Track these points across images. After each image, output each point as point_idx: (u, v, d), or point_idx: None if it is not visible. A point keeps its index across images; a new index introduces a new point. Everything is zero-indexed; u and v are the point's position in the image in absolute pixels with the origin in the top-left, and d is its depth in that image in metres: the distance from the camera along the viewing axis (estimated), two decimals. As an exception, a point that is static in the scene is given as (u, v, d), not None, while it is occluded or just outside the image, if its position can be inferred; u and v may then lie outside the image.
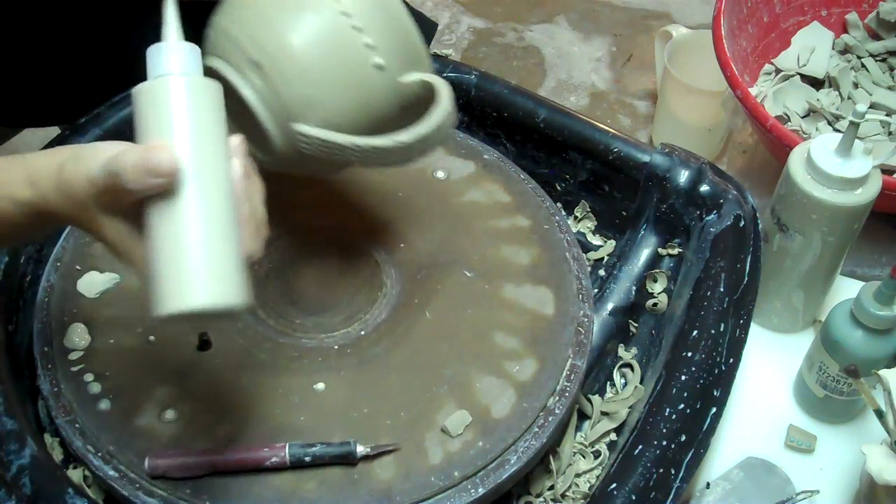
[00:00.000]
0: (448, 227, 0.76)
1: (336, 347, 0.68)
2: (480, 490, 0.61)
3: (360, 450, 0.60)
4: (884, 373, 0.65)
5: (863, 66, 1.03)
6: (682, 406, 0.64)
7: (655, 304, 0.79)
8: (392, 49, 0.60)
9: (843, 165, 0.71)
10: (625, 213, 0.83)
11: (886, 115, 0.97)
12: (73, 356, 0.65)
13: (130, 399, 0.63)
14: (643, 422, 0.64)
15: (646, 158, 0.79)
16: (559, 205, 0.85)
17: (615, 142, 0.81)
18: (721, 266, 0.72)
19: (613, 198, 0.83)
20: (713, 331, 0.68)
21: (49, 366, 0.65)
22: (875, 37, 1.05)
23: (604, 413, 0.74)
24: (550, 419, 0.64)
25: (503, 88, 0.85)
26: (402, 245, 0.75)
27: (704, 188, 0.78)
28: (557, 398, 0.66)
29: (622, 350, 0.78)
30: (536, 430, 0.64)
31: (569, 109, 0.84)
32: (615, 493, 0.60)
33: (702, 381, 0.65)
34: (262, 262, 0.72)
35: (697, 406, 0.64)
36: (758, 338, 0.84)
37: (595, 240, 0.86)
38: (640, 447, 0.62)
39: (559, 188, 0.86)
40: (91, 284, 0.70)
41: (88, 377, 0.64)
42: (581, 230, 0.86)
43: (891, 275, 0.68)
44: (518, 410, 0.64)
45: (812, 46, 1.03)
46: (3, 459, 0.58)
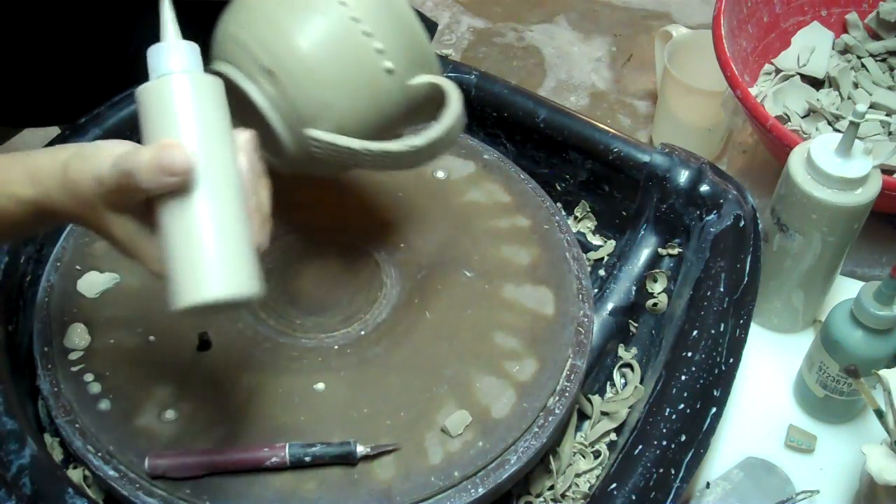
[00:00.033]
0: (448, 227, 0.76)
1: (336, 347, 0.68)
2: (480, 490, 0.61)
3: (360, 450, 0.60)
4: (884, 373, 0.65)
5: (863, 66, 1.03)
6: (682, 406, 0.64)
7: (655, 304, 0.79)
8: (401, 52, 0.60)
9: (843, 165, 0.71)
10: (625, 213, 0.83)
11: (886, 115, 0.97)
12: (73, 356, 0.65)
13: (130, 399, 0.63)
14: (643, 422, 0.64)
15: (646, 158, 0.79)
16: (559, 205, 0.85)
17: (615, 142, 0.81)
18: (721, 266, 0.72)
19: (613, 198, 0.83)
20: (713, 331, 0.68)
21: (49, 366, 0.65)
22: (875, 37, 1.05)
23: (604, 413, 0.74)
24: (550, 419, 0.64)
25: (503, 88, 0.85)
26: (402, 245, 0.75)
27: (704, 188, 0.78)
28: (557, 398, 0.66)
29: (622, 350, 0.78)
30: (536, 430, 0.64)
31: (569, 109, 0.84)
32: (615, 493, 0.60)
33: (702, 381, 0.65)
34: (263, 262, 0.72)
35: (697, 406, 0.64)
36: (758, 338, 0.84)
37: (595, 240, 0.86)
38: (640, 447, 0.62)
39: (559, 188, 0.86)
40: (91, 284, 0.70)
41: (88, 377, 0.64)
42: (581, 230, 0.86)
43: (891, 275, 0.68)
44: (518, 410, 0.64)
45: (812, 46, 1.03)
46: (3, 459, 0.58)
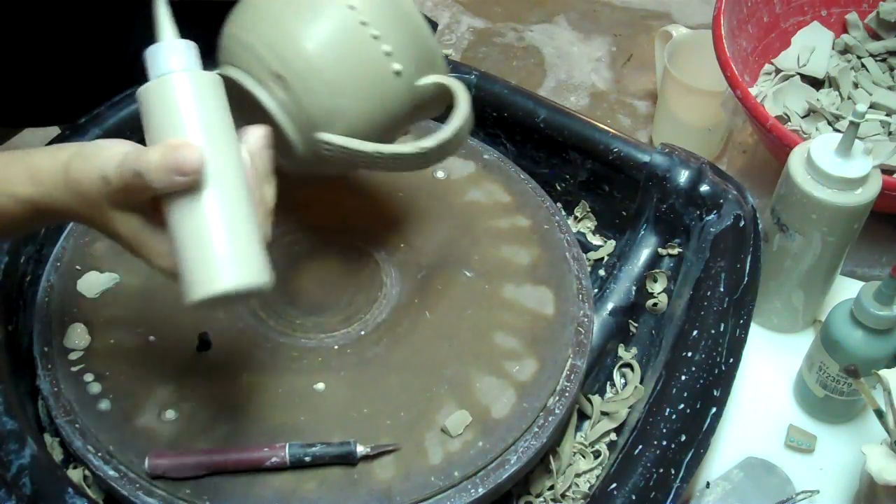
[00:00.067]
0: (448, 227, 0.76)
1: (336, 347, 0.68)
2: (480, 490, 0.61)
3: (360, 450, 0.60)
4: (884, 373, 0.65)
5: (863, 66, 1.03)
6: (682, 406, 0.64)
7: (655, 304, 0.79)
8: (409, 54, 0.61)
9: (843, 165, 0.71)
10: (625, 213, 0.83)
11: (886, 115, 0.97)
12: (73, 356, 0.65)
13: (130, 399, 0.63)
14: (643, 422, 0.64)
15: (646, 158, 0.79)
16: (559, 205, 0.85)
17: (615, 142, 0.81)
18: (721, 266, 0.72)
19: (613, 198, 0.83)
20: (713, 331, 0.68)
21: (49, 366, 0.65)
22: (875, 37, 1.05)
23: (604, 413, 0.74)
24: (550, 419, 0.64)
25: (503, 88, 0.85)
26: (403, 245, 0.75)
27: (704, 188, 0.78)
28: (557, 398, 0.66)
29: (622, 350, 0.78)
30: (536, 430, 0.64)
31: (569, 109, 0.84)
32: (615, 493, 0.60)
33: (702, 381, 0.65)
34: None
35: (697, 406, 0.64)
36: (758, 338, 0.84)
37: (595, 240, 0.86)
38: (640, 447, 0.62)
39: (559, 188, 0.86)
40: (91, 284, 0.70)
41: (88, 377, 0.64)
42: (581, 230, 0.86)
43: (891, 275, 0.68)
44: (518, 410, 0.64)
45: (812, 46, 1.03)
46: (3, 459, 0.58)
